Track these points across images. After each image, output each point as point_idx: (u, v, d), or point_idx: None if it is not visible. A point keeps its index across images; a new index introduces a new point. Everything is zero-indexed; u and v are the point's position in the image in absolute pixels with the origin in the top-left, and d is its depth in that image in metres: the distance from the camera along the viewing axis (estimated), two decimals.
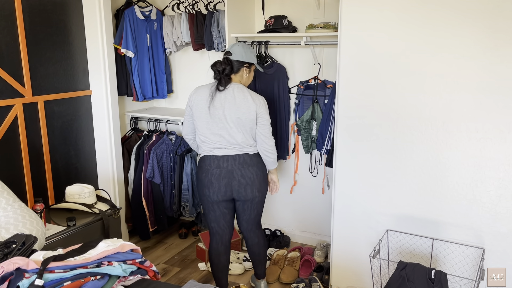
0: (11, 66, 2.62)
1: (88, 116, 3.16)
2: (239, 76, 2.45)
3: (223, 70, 2.38)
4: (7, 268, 1.38)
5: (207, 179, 2.42)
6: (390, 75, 2.37)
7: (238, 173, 2.40)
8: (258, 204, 2.54)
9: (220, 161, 2.40)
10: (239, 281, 2.93)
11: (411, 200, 2.44)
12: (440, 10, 2.19)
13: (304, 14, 3.12)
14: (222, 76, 2.38)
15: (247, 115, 2.37)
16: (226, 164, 2.40)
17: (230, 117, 2.36)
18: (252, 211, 2.54)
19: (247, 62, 2.44)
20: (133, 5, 3.28)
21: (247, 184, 2.42)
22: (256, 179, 2.44)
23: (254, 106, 2.37)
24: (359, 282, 2.66)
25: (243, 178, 2.41)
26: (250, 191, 2.44)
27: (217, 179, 2.41)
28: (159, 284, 1.62)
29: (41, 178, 2.87)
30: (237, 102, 2.36)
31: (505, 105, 2.14)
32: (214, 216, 2.52)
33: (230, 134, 2.37)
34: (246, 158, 2.41)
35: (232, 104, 2.36)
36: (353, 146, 2.53)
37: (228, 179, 2.41)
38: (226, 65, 2.39)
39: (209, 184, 2.42)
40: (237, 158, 2.40)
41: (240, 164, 2.40)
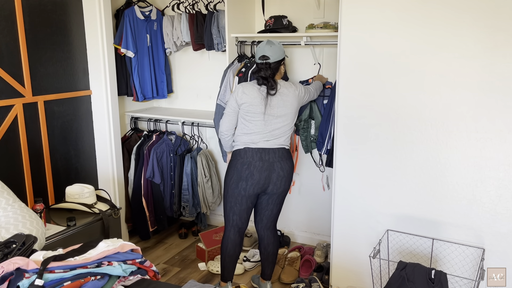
0: (11, 66, 2.62)
1: (88, 116, 3.16)
2: (278, 74, 2.54)
3: (271, 75, 2.46)
4: (7, 268, 1.38)
5: (249, 171, 2.46)
6: (390, 75, 2.37)
7: (278, 165, 2.49)
8: (282, 199, 2.61)
9: (262, 153, 2.47)
10: (239, 281, 2.93)
11: (411, 200, 2.44)
12: (440, 9, 2.19)
13: (304, 14, 3.12)
14: (270, 81, 2.45)
15: (297, 106, 2.56)
16: (268, 156, 2.47)
17: (280, 115, 2.48)
18: (275, 206, 2.61)
19: (282, 59, 2.53)
20: (133, 5, 3.28)
21: (284, 176, 2.51)
22: (291, 172, 2.56)
23: (301, 93, 2.57)
24: (359, 282, 2.66)
25: (282, 171, 2.50)
26: (285, 183, 2.53)
27: (259, 172, 2.46)
28: (159, 284, 1.62)
29: (41, 178, 2.87)
30: (288, 98, 2.49)
31: (505, 104, 2.14)
32: (239, 209, 2.55)
33: (276, 130, 2.48)
34: (284, 152, 2.52)
35: (283, 103, 2.48)
36: (353, 146, 2.53)
37: (269, 171, 2.48)
38: (269, 69, 2.46)
39: (249, 176, 2.46)
40: (277, 151, 2.49)
41: (279, 157, 2.49)
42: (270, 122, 2.47)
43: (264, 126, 2.47)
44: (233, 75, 3.00)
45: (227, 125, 2.55)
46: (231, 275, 2.67)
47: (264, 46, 2.50)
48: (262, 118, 2.46)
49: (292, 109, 2.52)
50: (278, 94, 2.47)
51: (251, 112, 2.46)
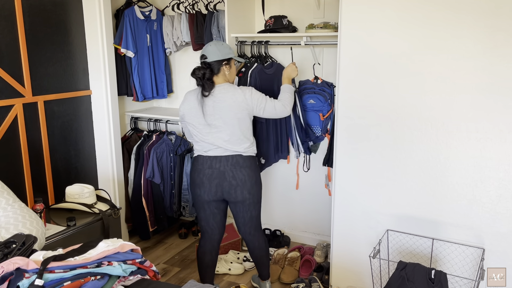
0: (11, 66, 2.62)
1: (88, 116, 3.16)
2: (221, 76, 2.42)
3: (203, 76, 2.37)
4: (7, 268, 1.38)
5: (199, 179, 2.44)
6: (390, 75, 2.37)
7: (229, 174, 2.40)
8: (250, 206, 2.51)
9: (213, 161, 2.41)
10: (239, 281, 2.93)
11: (411, 200, 2.44)
12: (440, 10, 2.19)
13: (304, 14, 3.12)
14: (204, 82, 2.37)
15: (240, 113, 2.38)
16: (219, 165, 2.40)
17: (224, 119, 2.37)
18: (246, 213, 2.52)
19: (224, 59, 2.41)
20: (133, 5, 3.28)
21: (238, 186, 2.42)
22: (248, 181, 2.43)
23: (244, 100, 2.37)
24: (359, 282, 2.66)
25: (234, 180, 2.41)
26: (240, 192, 2.43)
27: (208, 179, 2.42)
28: (159, 284, 1.62)
29: (41, 178, 2.87)
30: (227, 103, 2.36)
31: (505, 105, 2.14)
32: (204, 215, 2.53)
33: (224, 136, 2.38)
34: (239, 159, 2.41)
35: (222, 107, 2.36)
36: (353, 146, 2.53)
37: (219, 179, 2.41)
38: (205, 69, 2.37)
39: (201, 184, 2.43)
40: (229, 159, 2.40)
41: (232, 165, 2.40)
42: (217, 130, 2.38)
43: (209, 135, 2.39)
44: None
45: (187, 135, 2.60)
46: (205, 282, 2.60)
47: (206, 45, 2.43)
48: (205, 128, 2.39)
49: (241, 113, 2.37)
50: (218, 98, 2.36)
51: (194, 121, 2.41)
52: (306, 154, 3.24)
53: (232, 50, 2.48)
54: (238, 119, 2.38)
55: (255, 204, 2.53)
